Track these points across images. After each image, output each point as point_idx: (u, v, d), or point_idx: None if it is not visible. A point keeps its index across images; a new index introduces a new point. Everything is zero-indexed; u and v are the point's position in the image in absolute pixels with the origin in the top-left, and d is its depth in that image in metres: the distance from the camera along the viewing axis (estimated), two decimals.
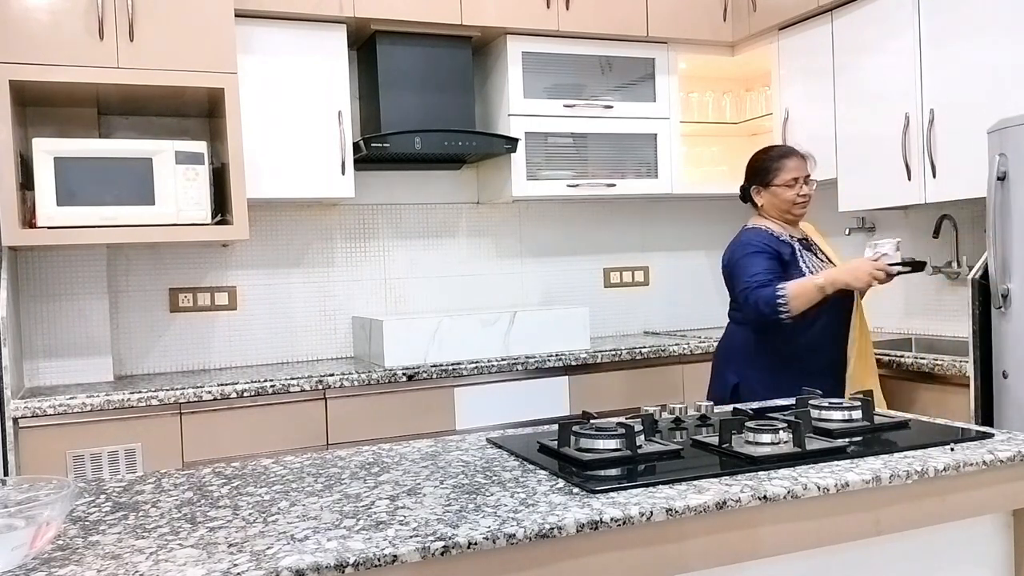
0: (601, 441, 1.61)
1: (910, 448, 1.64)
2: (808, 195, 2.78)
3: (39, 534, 1.14)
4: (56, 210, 2.81)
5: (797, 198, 2.76)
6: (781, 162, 2.78)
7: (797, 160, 2.78)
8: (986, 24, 2.86)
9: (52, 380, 3.16)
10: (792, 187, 2.76)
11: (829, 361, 2.69)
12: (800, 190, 2.77)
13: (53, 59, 2.79)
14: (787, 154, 2.80)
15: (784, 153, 2.81)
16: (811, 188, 2.80)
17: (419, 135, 3.36)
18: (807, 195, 2.78)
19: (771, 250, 2.71)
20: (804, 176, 2.78)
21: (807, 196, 2.78)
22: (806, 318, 2.62)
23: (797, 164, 2.77)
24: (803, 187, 2.77)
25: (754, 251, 2.70)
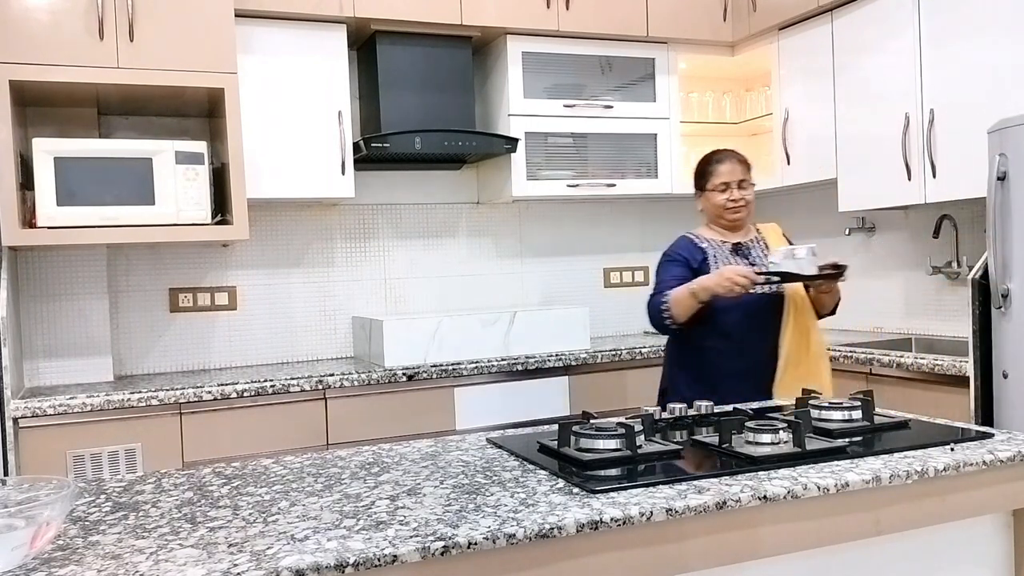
0: (601, 441, 1.61)
1: (910, 448, 1.64)
2: (741, 199, 2.70)
3: (39, 534, 1.14)
4: (56, 210, 2.81)
5: (728, 203, 2.69)
6: (714, 167, 2.72)
7: (730, 164, 2.71)
8: (986, 24, 2.86)
9: (52, 380, 3.16)
10: (723, 192, 2.70)
11: (747, 369, 2.58)
12: (731, 195, 2.69)
13: (53, 59, 2.79)
14: (722, 159, 2.74)
15: (719, 158, 2.75)
16: (746, 193, 2.71)
17: (419, 135, 3.36)
18: (739, 200, 2.69)
19: (683, 258, 2.68)
20: (737, 180, 2.70)
21: (739, 201, 2.69)
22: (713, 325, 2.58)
23: (729, 168, 2.70)
24: (735, 192, 2.70)
25: (668, 260, 2.71)
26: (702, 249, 2.70)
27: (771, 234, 2.81)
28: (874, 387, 2.90)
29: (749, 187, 2.73)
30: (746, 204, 2.72)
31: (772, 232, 2.82)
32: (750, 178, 2.74)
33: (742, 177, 2.71)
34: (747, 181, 2.73)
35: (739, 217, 2.72)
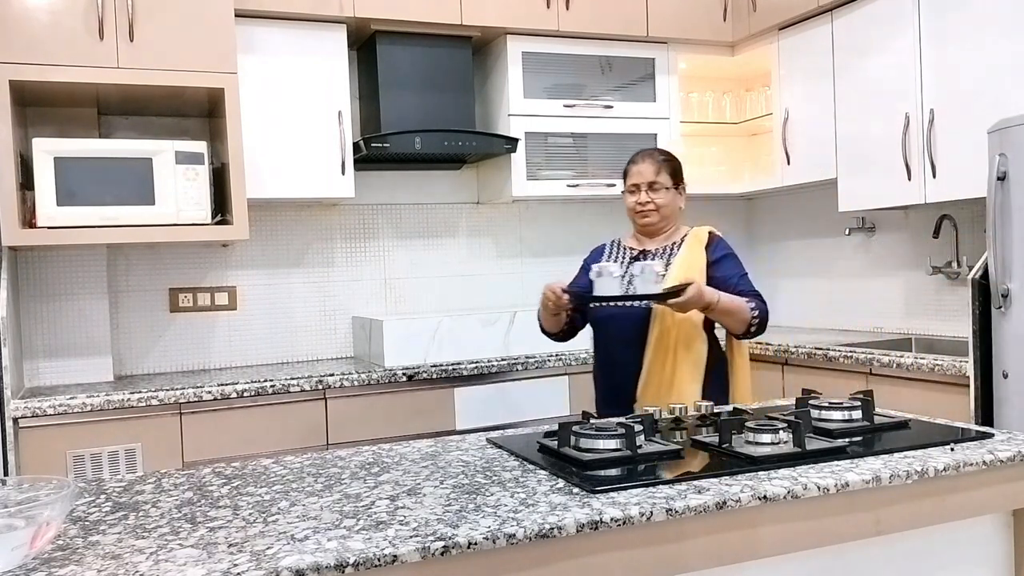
0: (601, 441, 1.61)
1: (910, 448, 1.64)
2: (649, 203, 2.48)
3: (39, 534, 1.14)
4: (56, 210, 2.81)
5: (636, 206, 2.50)
6: (629, 166, 2.55)
7: (643, 165, 2.50)
8: (986, 24, 2.86)
9: (52, 380, 3.16)
10: (633, 194, 2.52)
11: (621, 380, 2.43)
12: (639, 198, 2.50)
13: (53, 59, 2.79)
14: (637, 158, 2.55)
15: (636, 157, 2.56)
16: (656, 197, 2.48)
17: (419, 135, 3.36)
18: (646, 204, 2.48)
19: (587, 265, 2.59)
20: (647, 183, 2.49)
21: (646, 205, 2.48)
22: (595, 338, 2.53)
23: (640, 169, 2.50)
24: (642, 195, 2.49)
25: (581, 267, 2.65)
26: (604, 252, 2.62)
27: (692, 242, 2.52)
28: (874, 387, 2.90)
29: (662, 190, 2.49)
30: (656, 209, 2.49)
31: (694, 239, 2.52)
32: (666, 181, 2.50)
33: (652, 179, 2.48)
34: (659, 184, 2.49)
35: (648, 223, 2.51)
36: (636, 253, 2.54)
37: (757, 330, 2.38)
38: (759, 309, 2.38)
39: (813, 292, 4.12)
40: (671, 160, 2.54)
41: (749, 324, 2.36)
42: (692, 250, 2.48)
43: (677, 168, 2.54)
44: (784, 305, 4.31)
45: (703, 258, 2.45)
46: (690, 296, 2.21)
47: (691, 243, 2.50)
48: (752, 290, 2.43)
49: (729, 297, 2.33)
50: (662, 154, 2.56)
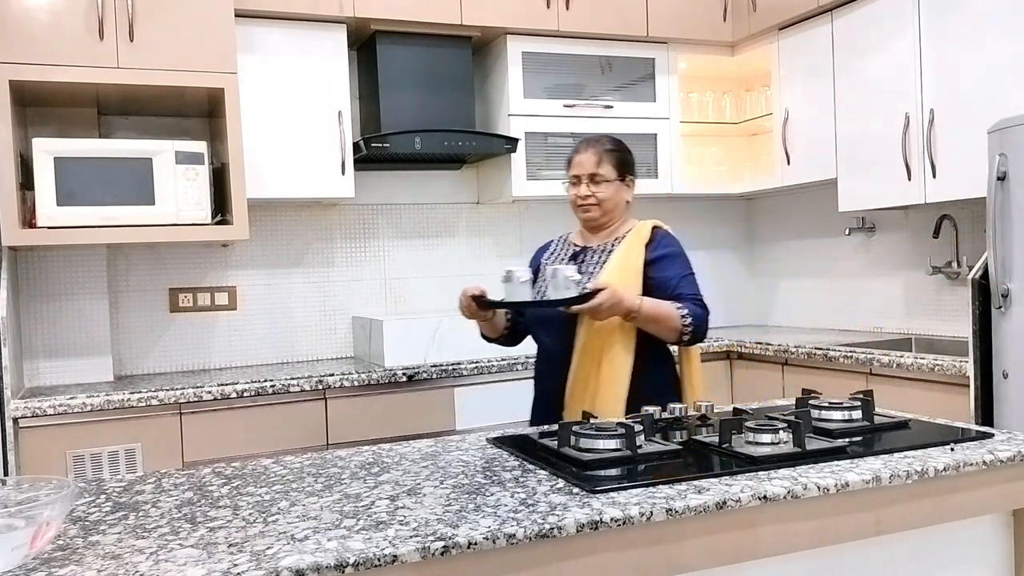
0: (601, 441, 1.61)
1: (910, 448, 1.64)
2: (590, 197, 2.32)
3: (39, 534, 1.14)
4: (56, 210, 2.81)
5: (577, 199, 2.34)
6: (571, 156, 2.38)
7: (585, 155, 2.33)
8: (986, 24, 2.86)
9: (52, 380, 3.16)
10: (575, 185, 2.35)
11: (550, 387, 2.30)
12: (579, 191, 2.33)
13: (53, 59, 2.79)
14: (579, 147, 2.37)
15: (578, 147, 2.38)
16: (598, 190, 2.32)
17: (419, 135, 3.36)
18: (587, 197, 2.32)
19: (532, 265, 2.50)
20: (588, 174, 2.32)
21: (588, 199, 2.32)
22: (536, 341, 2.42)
23: (581, 160, 2.33)
24: (582, 187, 2.32)
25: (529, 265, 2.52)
26: (549, 248, 2.51)
27: (633, 238, 2.35)
28: (874, 387, 2.90)
29: (604, 183, 2.32)
30: (598, 203, 2.33)
31: (635, 236, 2.35)
32: (609, 173, 2.32)
33: (593, 171, 2.31)
34: (601, 176, 2.31)
35: (589, 217, 2.36)
36: (576, 250, 2.40)
37: (691, 339, 2.22)
38: (693, 315, 2.19)
39: (813, 292, 4.12)
40: (617, 150, 2.36)
41: (680, 333, 2.19)
42: (630, 247, 2.31)
43: (623, 159, 2.36)
44: (784, 305, 4.31)
45: (641, 256, 2.29)
46: (601, 302, 2.07)
47: (631, 240, 2.33)
48: (692, 293, 2.27)
49: (654, 303, 2.18)
50: (607, 143, 2.36)
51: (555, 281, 2.16)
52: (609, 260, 2.30)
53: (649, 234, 2.34)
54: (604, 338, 2.21)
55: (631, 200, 2.41)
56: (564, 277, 2.15)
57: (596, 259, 2.35)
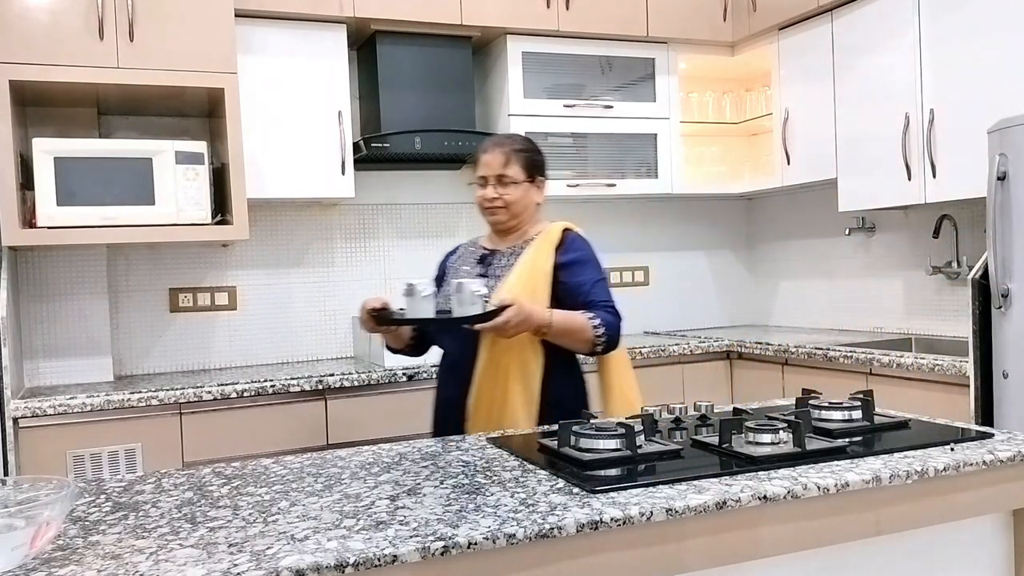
0: (601, 441, 1.61)
1: (910, 448, 1.64)
2: (497, 199, 2.22)
3: (39, 534, 1.14)
4: (56, 210, 2.81)
5: (483, 201, 2.24)
6: (479, 155, 2.27)
7: (491, 155, 2.23)
8: (986, 24, 2.86)
9: (52, 380, 3.16)
10: (481, 187, 2.25)
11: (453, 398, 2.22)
12: (487, 192, 2.23)
13: (53, 59, 2.79)
14: (487, 146, 2.27)
15: (485, 145, 2.28)
16: (506, 192, 2.22)
17: (419, 135, 3.36)
18: (495, 199, 2.22)
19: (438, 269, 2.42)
20: (496, 175, 2.22)
21: (495, 201, 2.23)
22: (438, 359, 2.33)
23: (488, 160, 2.23)
24: (489, 189, 2.23)
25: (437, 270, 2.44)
26: (457, 252, 2.41)
27: (542, 242, 2.25)
28: (874, 387, 2.90)
29: (511, 185, 2.22)
30: (505, 206, 2.23)
31: (545, 239, 2.25)
32: (517, 174, 2.22)
33: (500, 172, 2.21)
34: (508, 177, 2.22)
35: (496, 220, 2.26)
36: (484, 253, 2.31)
37: (604, 348, 2.15)
38: (606, 325, 2.12)
39: (813, 292, 4.12)
40: (526, 151, 2.26)
41: (593, 344, 2.12)
42: (539, 252, 2.21)
43: (533, 160, 2.26)
44: (784, 305, 4.31)
45: (550, 261, 2.20)
46: (507, 319, 1.99)
47: (540, 243, 2.23)
48: (604, 300, 2.18)
49: (566, 316, 2.10)
50: (517, 143, 2.27)
51: (460, 296, 2.03)
52: (516, 264, 2.21)
53: (559, 237, 2.25)
54: (511, 346, 2.13)
55: (542, 202, 2.31)
56: (470, 292, 2.02)
57: (504, 263, 2.25)
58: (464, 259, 2.35)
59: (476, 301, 2.02)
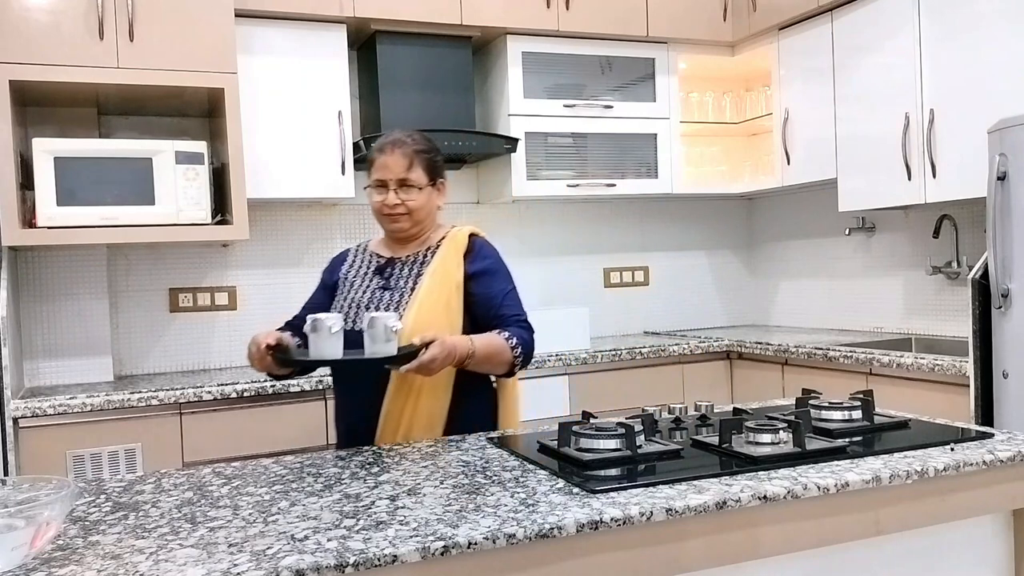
0: (601, 441, 1.61)
1: (910, 448, 1.64)
2: (400, 206, 2.03)
3: (39, 534, 1.14)
4: (56, 210, 2.81)
5: (384, 208, 2.04)
6: (376, 156, 2.07)
7: (392, 157, 2.04)
8: (986, 24, 2.86)
9: (52, 380, 3.16)
10: (380, 192, 2.05)
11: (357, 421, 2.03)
12: (387, 199, 2.04)
13: (53, 59, 2.79)
14: (385, 147, 2.06)
15: (383, 146, 2.07)
16: (410, 198, 2.03)
17: None
18: (397, 206, 2.03)
19: (324, 277, 2.21)
20: (397, 180, 2.03)
21: (397, 208, 2.03)
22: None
23: (388, 163, 2.03)
24: (390, 195, 2.03)
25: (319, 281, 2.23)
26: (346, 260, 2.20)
27: (448, 249, 2.08)
28: (874, 387, 2.90)
29: (415, 190, 2.04)
30: (408, 213, 2.05)
31: (451, 246, 2.09)
32: (420, 179, 2.05)
33: (403, 176, 2.03)
34: (412, 182, 2.04)
35: (398, 228, 2.07)
36: (381, 263, 2.13)
37: (520, 367, 2.04)
38: (522, 344, 2.01)
39: (813, 292, 4.12)
40: (427, 151, 2.08)
41: (512, 365, 2.01)
42: (446, 260, 2.06)
43: (434, 161, 2.09)
44: (784, 305, 4.31)
45: (460, 269, 2.06)
46: (434, 357, 1.82)
47: (447, 251, 2.08)
48: (516, 314, 2.07)
49: (487, 342, 1.95)
50: (418, 143, 2.08)
51: (373, 332, 1.82)
52: (424, 275, 2.05)
53: (466, 243, 2.10)
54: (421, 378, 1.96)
55: (442, 206, 2.14)
56: (383, 327, 1.82)
57: (406, 272, 2.08)
58: (358, 269, 2.16)
59: (391, 338, 1.82)
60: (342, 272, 2.18)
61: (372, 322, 1.83)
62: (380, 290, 2.07)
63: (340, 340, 1.85)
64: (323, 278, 2.23)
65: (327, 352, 1.85)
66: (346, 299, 2.10)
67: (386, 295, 2.06)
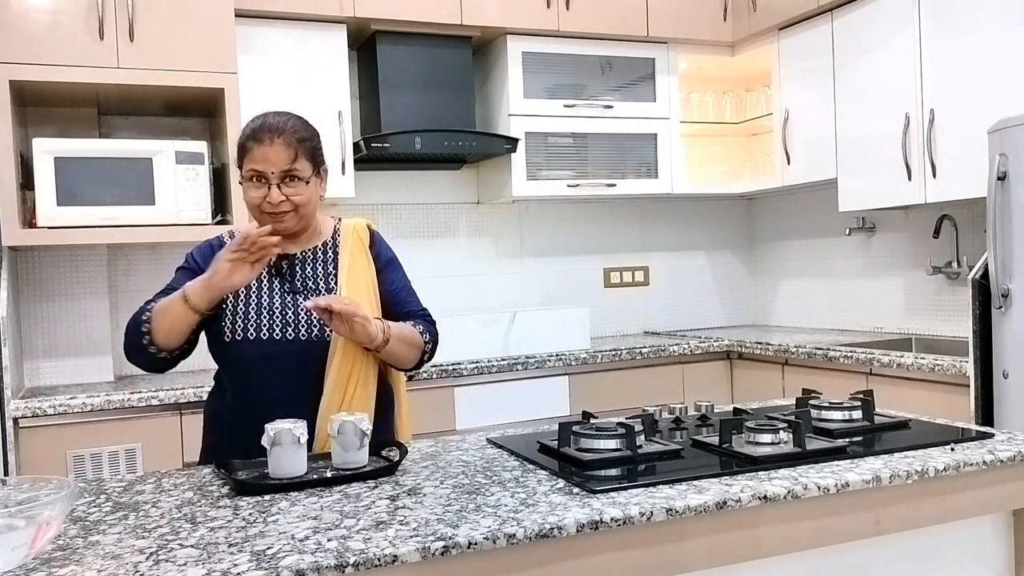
0: (601, 441, 1.61)
1: (910, 448, 1.64)
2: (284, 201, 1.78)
3: (39, 534, 1.14)
4: (56, 210, 2.81)
5: (265, 205, 1.78)
6: (250, 145, 1.79)
7: (270, 148, 1.77)
8: (986, 24, 2.86)
9: (52, 380, 3.16)
10: (257, 186, 1.78)
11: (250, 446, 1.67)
12: (269, 195, 1.77)
13: (53, 59, 2.79)
14: (260, 135, 1.78)
15: (258, 134, 1.79)
16: (295, 192, 1.79)
17: (419, 135, 3.36)
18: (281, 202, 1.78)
19: (196, 265, 1.90)
20: (279, 172, 1.77)
21: (281, 204, 1.78)
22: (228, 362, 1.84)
23: (268, 154, 1.76)
24: (273, 191, 1.77)
25: (179, 267, 1.94)
26: None
27: (354, 244, 1.94)
28: (874, 387, 2.90)
29: (301, 184, 1.80)
30: (294, 209, 1.80)
31: (355, 241, 1.94)
32: (306, 170, 1.81)
33: (287, 168, 1.78)
34: (298, 173, 1.79)
35: (284, 228, 1.81)
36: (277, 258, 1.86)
37: (428, 358, 1.95)
38: (432, 336, 1.93)
39: (813, 292, 4.12)
40: (309, 138, 1.85)
41: (422, 354, 1.92)
42: (357, 258, 1.91)
43: (316, 147, 1.86)
44: (784, 305, 4.31)
45: (371, 267, 1.92)
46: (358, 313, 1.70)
47: (352, 247, 1.92)
48: (421, 309, 1.98)
49: (398, 327, 1.85)
50: (299, 129, 1.83)
51: (343, 439, 1.59)
52: (340, 274, 1.88)
53: (368, 237, 1.97)
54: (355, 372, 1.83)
55: (324, 196, 1.91)
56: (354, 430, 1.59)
57: (313, 273, 1.88)
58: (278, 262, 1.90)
59: (364, 444, 1.61)
60: None
61: (341, 428, 1.58)
62: (290, 295, 1.85)
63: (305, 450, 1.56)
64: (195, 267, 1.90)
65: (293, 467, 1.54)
66: (248, 305, 1.83)
67: (299, 299, 1.84)
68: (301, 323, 1.82)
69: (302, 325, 1.82)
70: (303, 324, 1.82)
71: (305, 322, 1.82)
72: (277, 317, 1.82)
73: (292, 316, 1.83)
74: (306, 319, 1.82)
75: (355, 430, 1.59)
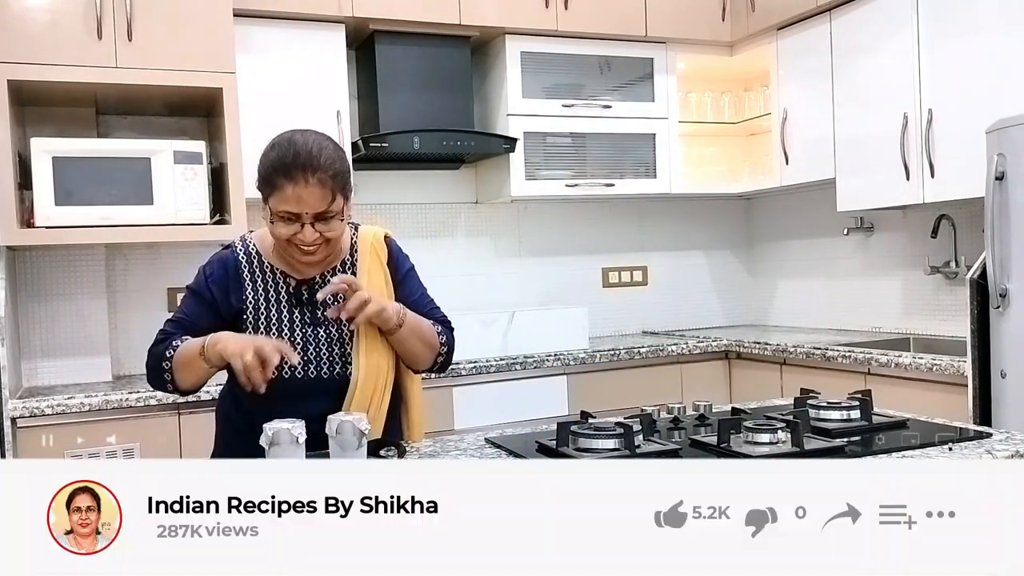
0: (599, 441, 1.62)
1: (908, 448, 1.64)
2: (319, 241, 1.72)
3: None
4: (54, 210, 2.80)
5: (297, 241, 1.72)
6: (281, 182, 1.68)
7: (304, 190, 1.67)
8: (985, 24, 2.87)
9: (50, 380, 3.16)
10: (287, 224, 1.70)
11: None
12: (302, 235, 1.70)
13: (52, 59, 2.79)
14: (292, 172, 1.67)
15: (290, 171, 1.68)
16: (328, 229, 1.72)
17: (418, 135, 3.36)
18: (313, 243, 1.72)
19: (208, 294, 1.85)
20: (312, 214, 1.69)
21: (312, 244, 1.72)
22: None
23: (300, 196, 1.67)
24: (307, 231, 1.70)
25: (190, 289, 1.86)
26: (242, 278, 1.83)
27: (371, 258, 1.89)
28: (872, 387, 2.89)
29: (335, 220, 1.73)
30: (326, 243, 1.75)
31: (372, 254, 1.90)
32: (339, 206, 1.73)
33: (322, 209, 1.70)
34: (333, 213, 1.72)
35: (314, 261, 1.79)
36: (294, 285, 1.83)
37: (443, 360, 1.92)
38: (449, 340, 1.91)
39: (811, 292, 4.13)
40: (341, 171, 1.74)
41: (436, 355, 1.90)
42: (374, 272, 1.88)
43: (347, 177, 1.76)
44: (783, 305, 4.32)
45: (390, 284, 1.91)
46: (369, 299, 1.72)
47: (370, 261, 1.88)
48: (442, 316, 1.96)
49: (415, 318, 1.84)
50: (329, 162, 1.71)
51: (341, 439, 1.60)
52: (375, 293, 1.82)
53: (386, 249, 1.92)
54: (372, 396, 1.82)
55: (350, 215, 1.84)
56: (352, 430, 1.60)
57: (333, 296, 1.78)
58: (266, 292, 1.84)
59: (363, 443, 1.60)
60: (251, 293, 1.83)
61: (340, 428, 1.59)
62: (311, 327, 1.82)
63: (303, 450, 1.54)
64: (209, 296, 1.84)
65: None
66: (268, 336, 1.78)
67: (320, 332, 1.82)
68: (323, 360, 1.82)
69: (323, 363, 1.82)
70: (324, 361, 1.82)
71: (327, 359, 1.82)
72: (298, 353, 1.77)
73: (314, 352, 1.82)
74: (328, 356, 1.82)
75: (353, 430, 1.59)
